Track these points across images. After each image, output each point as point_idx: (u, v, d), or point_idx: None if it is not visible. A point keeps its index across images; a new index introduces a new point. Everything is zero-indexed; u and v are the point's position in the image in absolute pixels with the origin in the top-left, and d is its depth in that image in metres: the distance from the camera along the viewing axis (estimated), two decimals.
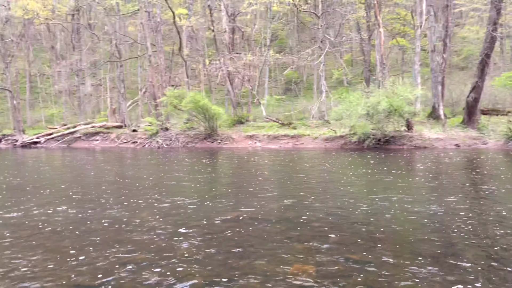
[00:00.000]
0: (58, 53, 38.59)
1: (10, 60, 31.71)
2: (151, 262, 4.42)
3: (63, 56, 38.06)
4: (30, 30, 38.87)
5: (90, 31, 35.07)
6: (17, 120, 29.45)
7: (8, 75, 30.58)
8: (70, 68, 34.91)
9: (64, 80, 36.43)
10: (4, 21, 31.32)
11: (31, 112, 36.35)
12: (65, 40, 39.92)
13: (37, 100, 39.54)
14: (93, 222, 6.17)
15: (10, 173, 13.03)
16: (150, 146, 23.96)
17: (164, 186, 9.71)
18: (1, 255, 4.76)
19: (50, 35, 40.57)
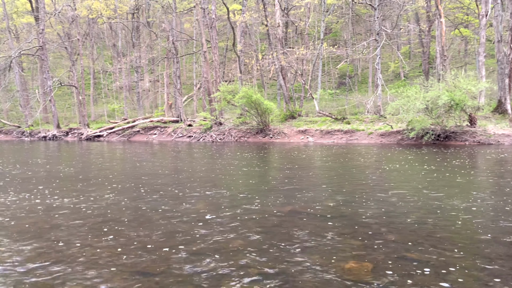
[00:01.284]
0: (119, 51, 40.49)
1: (76, 58, 33.72)
2: (206, 253, 4.54)
3: (124, 53, 39.88)
4: (94, 29, 41.05)
5: (148, 28, 36.41)
6: (82, 115, 31.30)
7: (74, 72, 32.53)
8: (130, 64, 36.51)
9: (125, 76, 38.18)
10: (70, 21, 33.30)
11: (94, 107, 38.49)
12: (126, 38, 41.77)
13: (100, 96, 41.79)
14: (152, 212, 6.44)
15: (76, 164, 13.92)
16: (204, 140, 24.53)
17: (218, 179, 9.91)
18: (71, 240, 5.09)
19: (112, 33, 42.66)
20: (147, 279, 3.87)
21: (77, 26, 33.68)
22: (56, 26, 36.65)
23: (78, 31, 33.79)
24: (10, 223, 5.95)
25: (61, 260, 4.38)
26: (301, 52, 26.64)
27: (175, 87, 30.44)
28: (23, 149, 22.01)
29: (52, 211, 6.67)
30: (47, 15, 32.12)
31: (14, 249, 4.77)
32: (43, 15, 31.19)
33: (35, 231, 5.52)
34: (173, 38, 30.01)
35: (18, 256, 4.55)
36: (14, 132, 33.95)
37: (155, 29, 38.24)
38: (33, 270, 4.12)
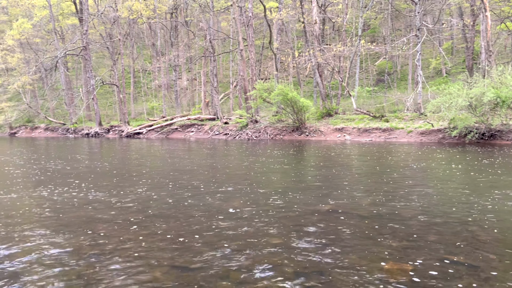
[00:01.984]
0: (158, 50, 41.43)
1: (117, 57, 34.80)
2: (242, 249, 4.59)
3: (163, 52, 40.77)
4: (134, 29, 42.20)
5: (186, 28, 37.03)
6: (123, 113, 32.29)
7: (116, 71, 33.59)
8: (168, 63, 37.28)
9: (163, 75, 39.04)
10: (112, 21, 34.39)
11: (134, 105, 39.60)
12: (164, 38, 42.67)
13: (140, 94, 42.94)
14: (188, 208, 6.57)
15: (117, 161, 14.39)
16: (240, 138, 24.71)
17: (254, 176, 9.97)
18: (111, 233, 5.28)
19: (151, 33, 43.69)
20: (185, 273, 3.96)
21: (118, 27, 34.74)
22: (99, 27, 37.96)
23: (119, 31, 34.84)
24: (52, 216, 6.24)
25: (103, 253, 4.56)
26: (338, 49, 26.27)
27: (212, 85, 30.82)
28: (65, 146, 22.99)
29: (91, 205, 6.93)
30: (91, 17, 33.32)
31: (58, 241, 5.00)
32: (87, 16, 32.38)
33: (76, 223, 5.76)
34: (210, 37, 30.37)
35: (62, 247, 4.77)
36: (60, 129, 35.50)
37: (193, 28, 38.85)
38: (77, 261, 4.31)
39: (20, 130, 37.85)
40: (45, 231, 5.44)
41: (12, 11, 42.61)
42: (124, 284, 3.72)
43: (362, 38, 29.59)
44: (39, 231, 5.44)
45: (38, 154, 17.52)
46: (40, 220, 6.00)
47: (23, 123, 38.54)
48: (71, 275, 3.96)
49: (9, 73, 39.54)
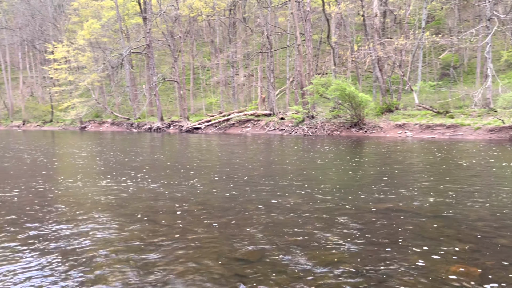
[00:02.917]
0: (217, 47, 42.26)
1: (178, 55, 35.95)
2: (300, 245, 4.59)
3: (221, 49, 41.53)
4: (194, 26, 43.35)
5: (244, 24, 37.42)
6: (183, 108, 33.36)
7: (176, 68, 34.73)
8: (226, 60, 37.91)
9: (221, 71, 39.78)
10: (173, 20, 35.55)
11: (194, 100, 40.77)
12: (223, 34, 43.44)
13: (199, 90, 44.12)
14: (245, 202, 6.68)
15: (178, 154, 14.93)
16: (296, 134, 24.62)
17: (310, 172, 9.90)
18: (173, 224, 5.50)
19: (210, 30, 44.67)
20: (243, 265, 4.03)
21: (179, 25, 35.87)
22: (161, 25, 39.41)
23: (180, 29, 35.96)
24: (114, 204, 6.61)
25: (163, 241, 4.76)
26: (400, 42, 25.29)
27: (269, 81, 30.93)
28: (128, 139, 24.20)
29: (151, 195, 7.25)
30: (154, 16, 34.68)
31: (124, 230, 5.29)
32: (150, 15, 33.75)
33: (137, 212, 6.06)
34: (267, 33, 30.46)
35: (127, 236, 5.04)
36: (124, 124, 37.40)
37: (251, 24, 39.17)
38: (138, 249, 4.54)
39: (89, 125, 40.33)
40: (108, 217, 5.78)
41: (83, 13, 45.42)
42: (183, 273, 3.86)
43: (426, 30, 28.24)
44: (101, 217, 5.80)
45: (102, 147, 18.62)
46: (102, 207, 6.39)
47: (92, 118, 41.02)
48: (133, 261, 4.19)
49: (80, 71, 42.22)
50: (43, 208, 6.51)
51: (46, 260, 4.25)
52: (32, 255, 4.40)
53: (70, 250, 4.55)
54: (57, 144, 22.49)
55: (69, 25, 47.40)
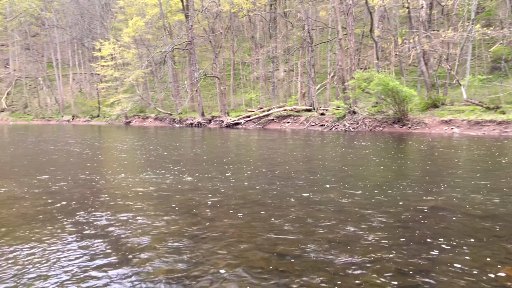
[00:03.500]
0: (257, 42, 42.33)
1: (219, 50, 36.33)
2: (340, 243, 4.53)
3: (261, 44, 41.54)
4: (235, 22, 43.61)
5: (285, 19, 37.22)
6: (223, 104, 33.73)
7: (217, 64, 35.12)
8: (266, 55, 37.90)
9: (261, 66, 39.81)
10: (214, 16, 35.94)
11: (234, 96, 41.11)
12: (263, 30, 43.43)
13: (239, 86, 44.44)
14: (285, 198, 6.66)
15: (217, 149, 15.12)
16: (337, 129, 24.27)
17: (351, 168, 9.73)
18: (213, 218, 5.59)
19: (251, 25, 44.77)
20: (284, 261, 4.03)
21: (220, 21, 36.21)
22: (202, 21, 39.93)
23: (221, 25, 36.30)
24: (155, 197, 6.78)
25: (205, 235, 4.84)
26: (447, 35, 24.26)
27: (309, 76, 30.64)
28: (170, 134, 24.76)
29: (192, 188, 7.38)
30: (195, 12, 35.19)
31: (163, 221, 5.42)
32: (192, 12, 34.28)
33: (179, 205, 6.19)
34: (308, 27, 30.15)
35: (166, 227, 5.17)
36: (167, 119, 38.31)
37: (291, 19, 38.91)
38: (180, 241, 4.64)
39: (134, 120, 41.64)
40: (148, 208, 5.95)
41: (128, 11, 46.83)
42: (223, 266, 3.92)
43: (476, 22, 26.92)
44: (142, 207, 5.97)
45: (145, 141, 19.17)
46: (143, 198, 6.58)
47: (136, 113, 42.32)
48: (172, 252, 4.29)
49: (125, 67, 43.61)
50: (88, 197, 6.81)
51: (89, 244, 4.44)
52: (77, 239, 4.61)
53: (112, 237, 4.72)
54: (102, 138, 23.41)
55: (115, 23, 49.04)
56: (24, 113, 54.84)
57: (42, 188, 7.84)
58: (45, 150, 15.56)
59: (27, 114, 54.20)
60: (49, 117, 51.64)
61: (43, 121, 50.70)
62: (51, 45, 56.10)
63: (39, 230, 5.11)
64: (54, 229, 5.13)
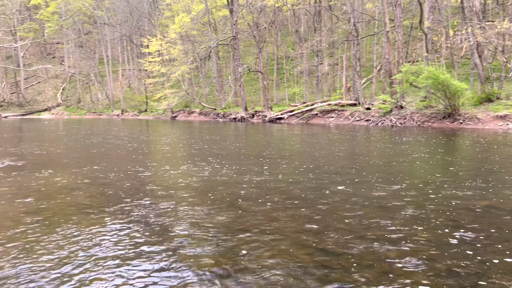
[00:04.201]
0: (301, 36, 41.96)
1: (262, 45, 36.34)
2: (387, 240, 4.42)
3: (305, 38, 41.14)
4: (279, 16, 43.42)
5: (330, 12, 36.63)
6: (266, 98, 33.76)
7: (261, 58, 35.17)
8: (311, 49, 37.49)
9: (305, 61, 39.45)
10: (259, 11, 35.95)
11: (277, 91, 41.03)
12: (308, 23, 42.96)
13: (282, 80, 44.29)
14: (330, 194, 6.59)
15: (260, 144, 15.18)
16: (383, 125, 23.65)
17: (398, 165, 9.46)
18: (258, 213, 5.63)
19: (295, 19, 44.41)
20: (329, 257, 4.00)
21: (264, 15, 36.19)
22: (247, 16, 40.07)
23: (265, 19, 36.28)
24: (201, 190, 6.90)
25: (250, 230, 4.88)
26: (503, 26, 22.90)
27: (354, 69, 30.00)
28: (213, 128, 25.13)
29: (234, 182, 7.46)
30: (240, 7, 35.37)
31: (208, 215, 5.52)
32: (237, 7, 34.48)
33: (223, 199, 6.27)
34: (354, 20, 29.48)
35: (211, 221, 5.26)
36: (211, 114, 38.91)
37: (337, 12, 38.20)
38: (225, 236, 4.72)
39: (179, 114, 42.61)
40: (192, 201, 6.08)
41: (174, 7, 47.84)
42: (269, 260, 3.94)
43: None
44: (186, 200, 6.11)
45: (188, 135, 19.59)
46: (187, 191, 6.73)
47: (181, 108, 43.28)
48: (218, 246, 4.36)
49: (171, 63, 44.66)
50: (135, 188, 7.06)
51: (135, 232, 4.61)
52: (124, 228, 4.80)
53: (156, 226, 4.88)
54: (149, 131, 24.18)
55: (162, 20, 50.26)
56: (78, 107, 57.60)
57: (93, 178, 8.23)
58: (95, 142, 16.30)
59: (80, 109, 56.89)
60: (100, 112, 53.92)
61: (94, 115, 53.03)
62: (102, 42, 58.46)
63: (90, 218, 5.38)
64: (104, 218, 5.38)
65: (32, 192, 7.06)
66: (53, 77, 65.52)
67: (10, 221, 5.30)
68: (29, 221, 5.30)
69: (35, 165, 10.20)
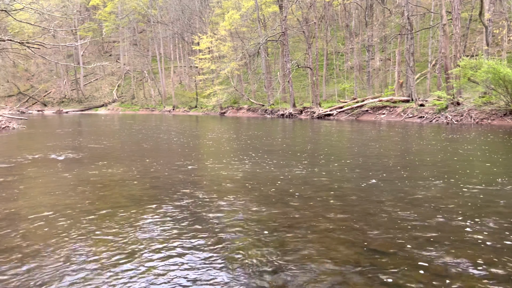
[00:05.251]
0: (352, 31, 41.05)
1: (312, 41, 35.94)
2: (440, 242, 4.23)
3: (356, 33, 40.21)
4: (329, 11, 42.71)
5: (382, 5, 35.54)
6: (315, 95, 33.39)
7: (310, 54, 34.81)
8: (361, 44, 36.60)
9: (356, 56, 38.58)
10: (308, 6, 35.56)
11: (326, 87, 40.46)
12: (359, 18, 41.95)
13: (331, 76, 43.62)
14: (379, 192, 6.40)
15: (308, 140, 15.05)
16: (437, 122, 22.65)
17: (454, 164, 9.01)
18: (305, 209, 5.58)
19: (345, 14, 43.52)
20: (379, 257, 3.89)
21: (314, 10, 35.74)
22: (296, 12, 39.77)
23: (315, 15, 35.81)
24: (247, 186, 6.94)
25: (297, 227, 4.85)
26: None
27: (407, 64, 28.93)
28: (260, 124, 25.19)
29: (281, 177, 7.42)
30: (290, 3, 35.17)
31: (255, 210, 5.54)
32: (286, 3, 34.32)
33: (271, 196, 6.27)
34: (408, 13, 28.40)
35: (258, 216, 5.27)
36: (259, 110, 39.07)
37: (389, 5, 36.99)
38: (271, 232, 4.71)
39: (228, 110, 43.18)
40: (239, 196, 6.12)
41: (224, 5, 48.45)
42: (318, 258, 3.90)
43: None
44: (233, 195, 6.16)
45: (237, 131, 19.77)
46: (236, 186, 6.78)
47: (230, 104, 43.83)
48: (265, 241, 4.37)
49: (221, 60, 45.30)
50: (185, 181, 7.25)
51: (185, 225, 4.72)
52: (175, 220, 4.94)
53: (205, 220, 4.97)
54: (199, 127, 24.70)
55: (213, 17, 51.06)
56: (132, 103, 59.99)
57: (146, 172, 8.53)
58: (147, 137, 16.90)
59: (134, 105, 59.19)
60: (152, 108, 55.80)
61: (147, 111, 54.96)
62: (155, 40, 60.39)
63: (143, 209, 5.58)
64: (155, 210, 5.56)
65: (89, 183, 7.45)
66: (109, 74, 68.65)
67: (70, 210, 5.62)
68: (88, 210, 5.59)
69: (92, 158, 10.75)
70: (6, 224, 5.00)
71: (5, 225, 4.97)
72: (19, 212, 5.55)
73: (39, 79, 68.16)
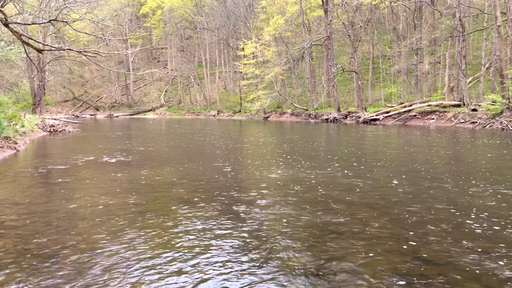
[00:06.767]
0: (399, 34, 40.03)
1: (357, 44, 35.40)
2: (497, 254, 4.05)
3: (404, 36, 39.16)
4: (376, 14, 41.87)
5: (432, 7, 34.39)
6: (361, 99, 32.80)
7: (355, 58, 34.29)
8: (409, 47, 35.60)
9: (403, 59, 37.55)
10: (354, 9, 35.07)
11: (372, 91, 39.64)
12: (407, 20, 40.83)
13: (378, 80, 42.68)
14: (428, 199, 6.22)
15: (355, 145, 14.81)
16: (491, 127, 21.57)
17: (509, 172, 8.56)
18: (353, 216, 5.52)
19: (393, 17, 42.52)
20: (429, 266, 3.79)
21: (360, 14, 35.19)
22: (342, 16, 39.35)
23: (361, 18, 35.25)
24: (292, 191, 6.93)
25: (345, 233, 4.82)
26: None
27: (459, 68, 27.78)
28: (304, 129, 25.05)
29: (328, 183, 7.36)
30: (335, 7, 34.87)
31: (301, 215, 5.54)
32: (332, 7, 34.05)
33: (317, 201, 6.24)
34: (460, 14, 27.30)
35: (304, 221, 5.27)
36: (303, 114, 38.91)
37: (439, 6, 35.74)
38: (312, 237, 4.70)
39: (271, 115, 43.33)
40: (284, 200, 6.14)
41: (269, 10, 48.77)
42: (365, 265, 3.85)
43: None
44: (278, 199, 6.19)
45: (281, 136, 19.79)
46: (280, 190, 6.81)
47: (274, 109, 43.96)
48: (312, 246, 4.37)
49: (265, 65, 45.59)
50: (230, 185, 7.37)
51: (226, 227, 4.81)
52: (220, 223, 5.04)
53: (249, 223, 5.04)
54: (243, 131, 24.97)
55: (257, 22, 51.54)
56: (178, 108, 61.59)
57: (192, 175, 8.76)
58: (192, 141, 17.31)
59: (181, 109, 60.75)
60: (198, 112, 57.02)
61: (193, 115, 56.24)
62: (201, 46, 61.76)
63: (190, 211, 5.74)
64: (200, 212, 5.71)
65: (139, 185, 7.76)
66: (158, 80, 70.91)
67: (122, 211, 5.89)
68: (137, 211, 5.84)
69: (141, 161, 11.17)
70: (65, 223, 5.33)
71: (65, 224, 5.29)
72: (76, 211, 5.89)
73: (92, 85, 71.58)
